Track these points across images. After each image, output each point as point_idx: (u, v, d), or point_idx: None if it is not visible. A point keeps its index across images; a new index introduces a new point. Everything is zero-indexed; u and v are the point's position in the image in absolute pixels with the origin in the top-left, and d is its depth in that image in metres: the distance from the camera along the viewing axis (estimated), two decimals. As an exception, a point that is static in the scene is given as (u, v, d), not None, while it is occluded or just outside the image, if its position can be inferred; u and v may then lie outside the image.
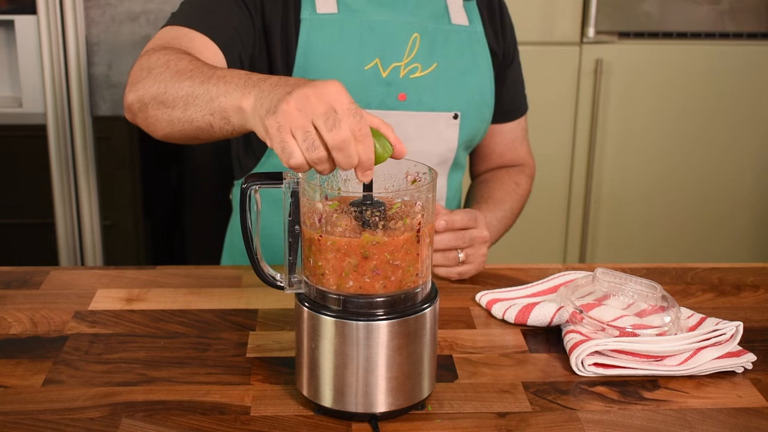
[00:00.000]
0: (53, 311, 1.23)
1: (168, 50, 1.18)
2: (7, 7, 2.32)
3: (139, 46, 2.37)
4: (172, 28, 1.30)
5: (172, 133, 1.13)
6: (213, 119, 1.04)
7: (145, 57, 1.19)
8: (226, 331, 1.19)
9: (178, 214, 2.73)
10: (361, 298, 0.95)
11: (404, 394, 0.98)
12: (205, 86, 1.05)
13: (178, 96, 1.08)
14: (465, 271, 1.34)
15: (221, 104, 1.02)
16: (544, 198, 2.69)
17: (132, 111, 1.18)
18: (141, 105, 1.15)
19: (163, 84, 1.11)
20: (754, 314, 1.28)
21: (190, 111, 1.07)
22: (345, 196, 0.97)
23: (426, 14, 1.46)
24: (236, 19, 1.35)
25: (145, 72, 1.15)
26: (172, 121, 1.11)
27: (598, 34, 2.58)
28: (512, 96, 1.60)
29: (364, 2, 1.43)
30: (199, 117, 1.06)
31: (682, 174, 2.74)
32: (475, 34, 1.50)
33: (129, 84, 1.18)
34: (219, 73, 1.06)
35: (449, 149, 1.49)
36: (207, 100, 1.04)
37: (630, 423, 1.00)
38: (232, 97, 1.00)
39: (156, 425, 0.98)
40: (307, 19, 1.40)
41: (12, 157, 2.49)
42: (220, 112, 1.02)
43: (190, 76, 1.08)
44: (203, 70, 1.09)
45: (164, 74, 1.12)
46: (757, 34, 2.64)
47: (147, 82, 1.14)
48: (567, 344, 1.13)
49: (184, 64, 1.12)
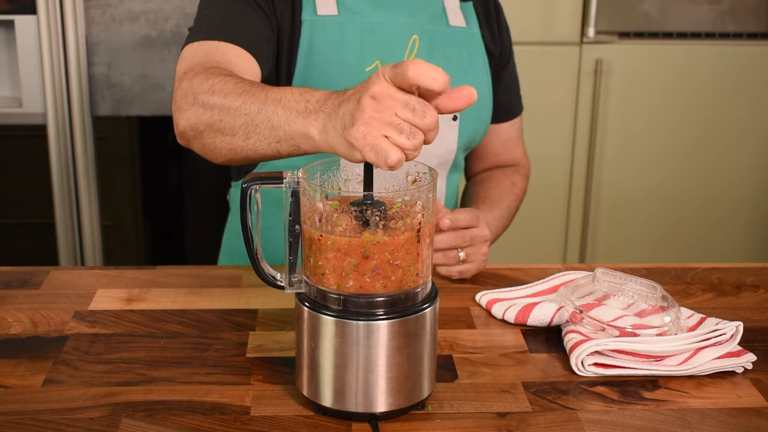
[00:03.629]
0: (53, 311, 1.23)
1: (209, 72, 1.15)
2: (7, 7, 2.32)
3: (139, 46, 2.37)
4: (200, 43, 1.27)
5: (235, 159, 1.11)
6: (280, 146, 1.03)
7: (186, 81, 1.16)
8: (226, 331, 1.19)
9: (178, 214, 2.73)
10: (361, 298, 0.95)
11: (404, 394, 0.98)
12: (263, 114, 1.03)
13: (237, 125, 1.06)
14: (465, 270, 1.34)
15: (287, 133, 1.00)
16: (544, 198, 2.69)
17: (186, 138, 1.15)
18: (195, 133, 1.13)
19: (216, 112, 1.09)
20: (754, 314, 1.28)
21: (253, 140, 1.05)
22: (345, 195, 0.97)
23: (424, 16, 1.46)
24: (258, 23, 1.34)
25: (191, 98, 1.13)
26: (234, 149, 1.09)
27: (598, 34, 2.58)
28: (508, 96, 1.60)
29: (364, 4, 1.43)
30: (265, 145, 1.04)
31: (682, 174, 2.74)
32: (473, 35, 1.51)
33: (177, 110, 1.16)
34: (272, 95, 1.04)
35: (449, 151, 1.50)
36: (269, 129, 1.02)
37: (630, 423, 1.00)
38: (296, 125, 0.99)
39: (156, 425, 0.98)
40: (308, 20, 1.40)
41: (12, 157, 2.49)
42: (287, 140, 1.01)
43: (243, 102, 1.06)
44: (254, 92, 1.06)
45: (213, 100, 1.10)
46: (757, 34, 2.64)
47: (197, 110, 1.11)
48: (567, 344, 1.13)
49: (230, 87, 1.09)
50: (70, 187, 2.44)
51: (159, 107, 2.42)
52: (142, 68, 2.39)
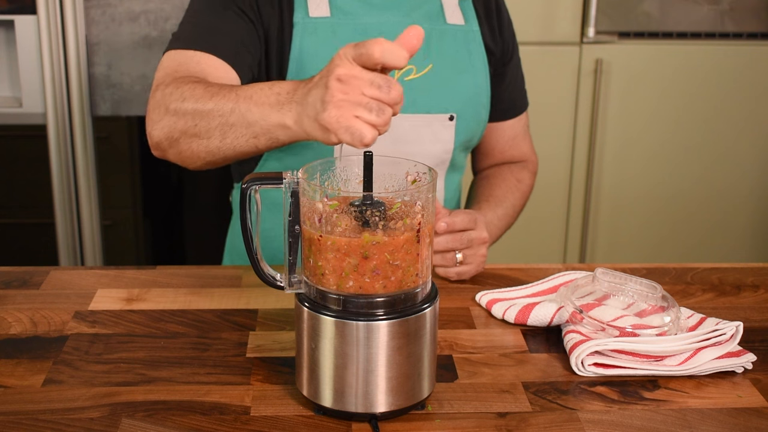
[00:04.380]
0: (53, 311, 1.23)
1: (179, 81, 1.19)
2: (7, 7, 2.32)
3: (139, 46, 2.37)
4: (177, 52, 1.30)
5: (214, 161, 1.15)
6: (258, 141, 1.07)
7: (159, 92, 1.19)
8: (226, 331, 1.19)
9: (178, 214, 2.73)
10: (361, 298, 0.95)
11: (404, 394, 0.98)
12: (237, 113, 1.07)
13: (212, 127, 1.10)
14: (463, 272, 1.34)
15: (263, 127, 1.05)
16: (544, 198, 2.69)
17: (161, 148, 1.19)
18: (171, 141, 1.16)
19: (189, 117, 1.13)
20: (754, 314, 1.28)
21: (230, 139, 1.09)
22: (345, 196, 0.97)
23: (420, 15, 1.46)
24: (241, 31, 1.35)
25: (163, 109, 1.17)
26: (212, 151, 1.13)
27: (598, 34, 2.58)
28: (511, 93, 1.59)
29: (357, 5, 1.43)
30: (242, 142, 1.09)
31: (682, 174, 2.74)
32: (471, 33, 1.50)
33: (150, 122, 1.19)
34: (242, 93, 1.08)
35: (445, 151, 1.49)
36: (245, 126, 1.07)
37: (630, 423, 1.00)
38: (272, 118, 1.03)
39: (156, 425, 0.98)
40: (299, 22, 1.40)
41: (12, 157, 2.49)
42: (264, 134, 1.05)
43: (215, 104, 1.10)
44: (223, 93, 1.10)
45: (185, 107, 1.13)
46: (757, 34, 2.64)
47: (170, 119, 1.15)
48: (567, 344, 1.13)
49: (200, 92, 1.13)
50: (70, 187, 2.44)
51: (159, 107, 2.42)
52: (142, 68, 2.39)
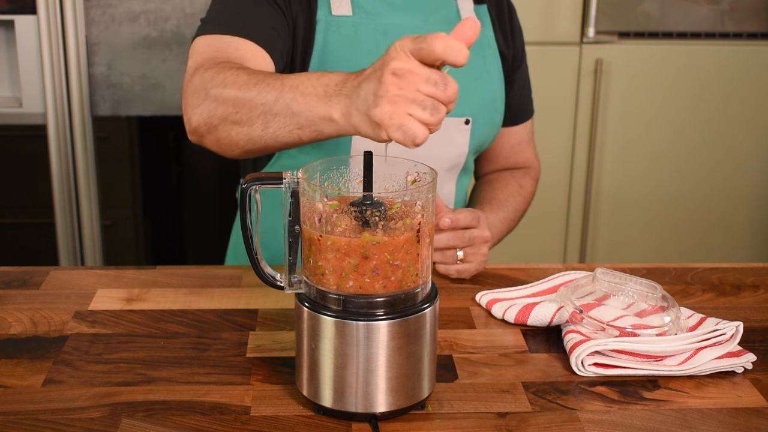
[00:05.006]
0: (53, 311, 1.23)
1: (220, 66, 1.15)
2: (7, 7, 2.32)
3: (139, 46, 2.37)
4: (212, 37, 1.26)
5: (254, 150, 1.11)
6: (302, 132, 1.03)
7: (198, 77, 1.15)
8: (226, 331, 1.19)
9: (178, 214, 2.73)
10: (361, 298, 0.95)
11: (404, 394, 0.98)
12: (281, 102, 1.03)
13: (254, 115, 1.06)
14: (463, 270, 1.34)
15: (308, 118, 1.01)
16: (544, 198, 2.68)
17: (199, 133, 1.15)
18: (209, 127, 1.12)
19: (231, 104, 1.09)
20: (754, 314, 1.28)
21: (272, 128, 1.05)
22: (345, 196, 0.97)
23: (438, 18, 1.45)
24: (273, 18, 1.33)
25: (203, 93, 1.13)
26: (253, 140, 1.09)
27: (598, 34, 2.58)
28: (520, 99, 1.60)
29: (378, 5, 1.42)
30: (285, 133, 1.04)
31: (682, 174, 2.74)
32: (486, 38, 1.49)
33: (189, 106, 1.15)
34: (288, 83, 1.04)
35: (460, 155, 1.49)
36: (289, 116, 1.02)
37: (630, 423, 1.00)
38: (318, 110, 0.99)
39: (156, 425, 0.98)
40: (322, 19, 1.39)
41: (12, 157, 2.49)
42: (309, 125, 1.01)
43: (258, 92, 1.06)
44: (268, 81, 1.06)
45: (226, 93, 1.09)
46: (757, 34, 2.64)
47: (210, 104, 1.11)
48: (567, 344, 1.13)
49: (244, 78, 1.09)
50: (70, 187, 2.44)
51: (159, 107, 2.42)
52: (142, 68, 2.39)
